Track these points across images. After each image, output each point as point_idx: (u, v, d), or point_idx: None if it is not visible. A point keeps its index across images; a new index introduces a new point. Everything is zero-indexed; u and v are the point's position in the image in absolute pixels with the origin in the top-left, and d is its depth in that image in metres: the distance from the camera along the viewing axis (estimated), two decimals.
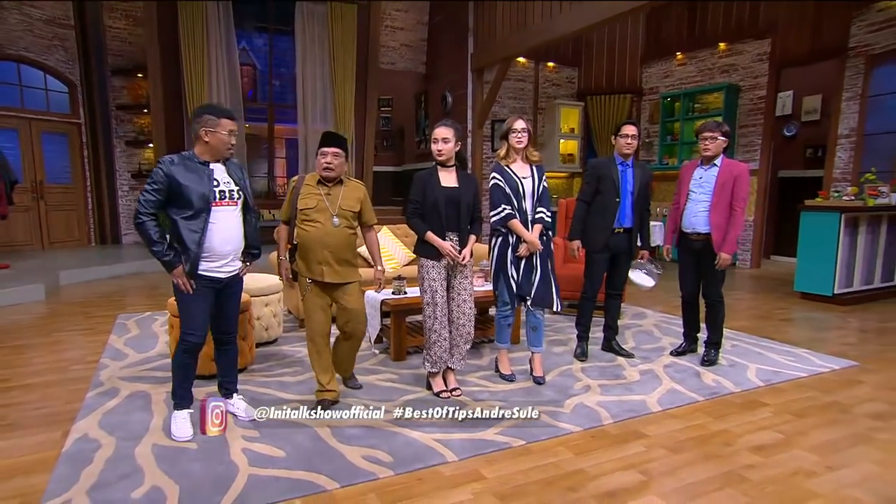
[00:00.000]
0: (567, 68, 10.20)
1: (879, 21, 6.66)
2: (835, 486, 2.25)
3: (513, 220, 3.23)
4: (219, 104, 3.39)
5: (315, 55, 9.63)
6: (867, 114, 6.88)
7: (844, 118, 7.05)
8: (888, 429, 2.79)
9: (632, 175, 3.68)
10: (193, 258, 2.51)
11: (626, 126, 3.66)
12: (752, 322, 4.89)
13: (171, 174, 2.48)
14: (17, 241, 8.37)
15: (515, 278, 3.27)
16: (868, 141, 6.90)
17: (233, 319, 2.86)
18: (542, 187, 3.32)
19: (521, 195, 3.25)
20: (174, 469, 2.31)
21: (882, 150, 6.74)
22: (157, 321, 4.79)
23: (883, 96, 6.75)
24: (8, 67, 8.23)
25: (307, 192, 2.89)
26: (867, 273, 5.89)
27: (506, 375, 3.45)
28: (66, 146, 8.91)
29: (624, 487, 2.23)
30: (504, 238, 3.30)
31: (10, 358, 3.86)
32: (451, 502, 2.11)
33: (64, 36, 8.68)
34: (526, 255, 3.26)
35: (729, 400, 3.15)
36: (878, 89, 6.80)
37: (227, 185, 2.63)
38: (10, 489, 2.20)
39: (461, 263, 3.06)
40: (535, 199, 3.29)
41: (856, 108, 6.93)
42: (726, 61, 8.51)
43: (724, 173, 3.51)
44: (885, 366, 3.76)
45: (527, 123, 3.30)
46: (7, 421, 2.83)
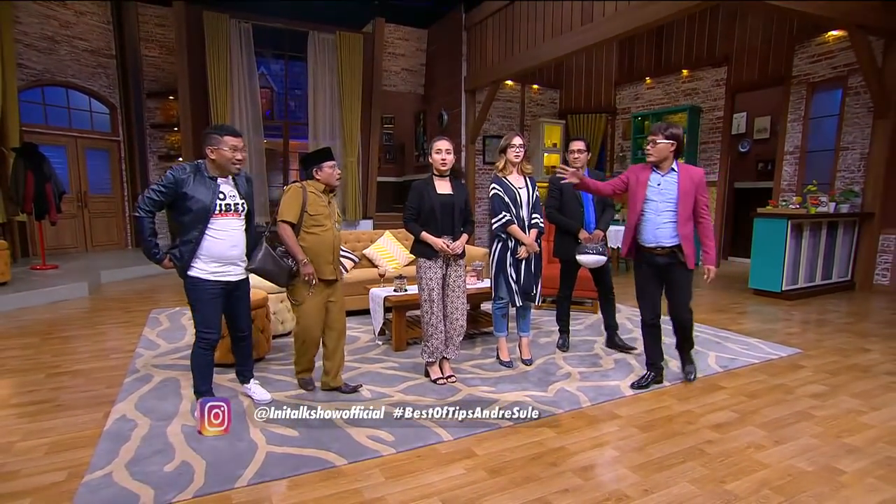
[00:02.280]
0: (550, 90, 10.22)
1: (818, 53, 6.72)
2: (781, 458, 2.27)
3: (512, 225, 3.24)
4: (225, 124, 3.32)
5: (325, 78, 9.61)
6: (809, 133, 6.92)
7: (790, 137, 7.09)
8: (825, 407, 2.82)
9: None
10: (186, 260, 2.50)
11: (573, 142, 3.59)
12: (712, 315, 4.91)
13: (179, 181, 2.43)
14: (64, 244, 8.33)
15: (515, 278, 3.28)
16: (810, 157, 6.94)
17: (245, 318, 2.81)
18: (535, 196, 3.33)
19: (519, 203, 3.26)
20: (201, 446, 2.31)
21: (821, 165, 6.79)
22: (185, 315, 4.77)
23: (822, 118, 6.80)
24: (58, 92, 8.21)
25: (313, 200, 2.82)
26: (810, 271, 5.92)
27: (505, 361, 3.46)
28: (106, 161, 8.86)
29: (600, 462, 2.24)
30: (504, 243, 3.30)
31: (61, 347, 3.85)
32: (446, 476, 2.11)
33: (106, 64, 8.64)
34: (525, 257, 3.27)
35: (692, 384, 3.17)
36: (817, 112, 6.84)
37: (232, 198, 2.58)
38: (60, 462, 2.20)
39: (453, 254, 3.02)
40: (530, 207, 3.30)
41: (799, 129, 6.98)
42: (689, 86, 8.55)
43: (685, 181, 2.86)
44: (822, 353, 3.79)
45: (523, 139, 3.30)
46: (58, 402, 2.83)
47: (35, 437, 2.42)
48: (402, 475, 2.11)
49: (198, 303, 2.56)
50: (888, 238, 6.12)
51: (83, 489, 1.98)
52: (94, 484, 2.01)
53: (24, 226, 7.39)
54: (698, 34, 8.25)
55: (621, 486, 2.04)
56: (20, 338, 4.07)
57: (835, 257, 6.16)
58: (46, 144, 7.55)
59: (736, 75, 7.77)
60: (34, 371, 3.32)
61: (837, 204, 6.03)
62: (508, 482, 2.07)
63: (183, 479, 2.05)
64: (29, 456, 2.25)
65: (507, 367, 3.41)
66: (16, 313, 4.86)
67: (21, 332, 4.23)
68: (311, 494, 1.97)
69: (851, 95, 6.39)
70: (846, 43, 6.25)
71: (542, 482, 2.07)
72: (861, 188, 6.27)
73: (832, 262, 6.15)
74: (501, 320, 3.48)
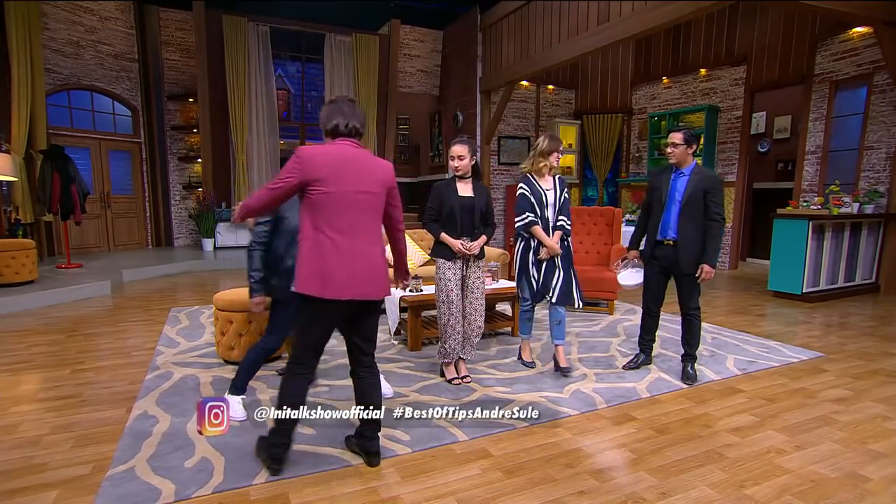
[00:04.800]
0: (565, 90, 10.15)
1: (842, 51, 6.56)
2: (802, 463, 2.22)
3: (535, 226, 3.21)
4: None
5: (341, 80, 9.69)
6: (831, 133, 6.77)
7: (811, 136, 6.94)
8: (848, 412, 2.76)
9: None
10: None
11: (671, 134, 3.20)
12: (731, 317, 4.83)
13: None
14: (88, 243, 8.53)
15: (536, 278, 3.26)
16: (832, 157, 6.79)
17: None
18: (564, 198, 3.28)
19: (545, 204, 3.24)
20: (220, 443, 2.34)
21: (844, 165, 6.63)
22: (203, 314, 4.85)
23: (845, 117, 6.64)
24: (83, 96, 8.41)
25: None
26: (832, 274, 5.79)
27: (527, 362, 3.46)
28: (129, 162, 9.04)
29: (616, 464, 2.22)
30: (526, 242, 3.29)
31: (85, 343, 3.94)
32: (462, 476, 2.11)
33: (129, 68, 8.83)
34: (546, 258, 3.23)
35: (709, 387, 3.12)
36: (840, 111, 6.69)
37: None
38: (85, 456, 2.25)
39: (470, 253, 3.03)
40: (556, 208, 3.26)
41: (821, 128, 6.82)
42: (706, 85, 8.42)
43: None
44: (845, 356, 3.70)
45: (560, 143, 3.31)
46: (82, 398, 2.89)
47: (62, 431, 2.48)
48: (418, 475, 2.11)
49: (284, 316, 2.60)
50: None
51: (107, 483, 2.02)
52: (117, 478, 2.05)
53: (51, 226, 7.59)
54: (716, 33, 8.11)
55: (638, 489, 2.02)
56: (47, 334, 4.18)
57: (858, 259, 6.01)
58: (72, 146, 7.75)
59: (755, 74, 7.63)
60: (60, 367, 3.41)
61: (861, 204, 5.88)
62: (524, 483, 2.06)
63: (203, 474, 2.08)
64: (56, 449, 2.30)
65: (529, 366, 3.40)
66: (43, 310, 4.99)
67: (47, 329, 4.34)
68: (328, 492, 1.99)
69: (877, 93, 6.23)
70: (872, 40, 6.10)
71: (558, 483, 2.06)
72: (886, 188, 6.11)
73: (855, 264, 6.00)
74: (525, 323, 3.44)
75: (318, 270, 1.93)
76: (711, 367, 3.43)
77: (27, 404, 2.81)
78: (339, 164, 1.97)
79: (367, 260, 2.01)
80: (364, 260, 2.00)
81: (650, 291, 3.29)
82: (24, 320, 4.64)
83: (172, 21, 9.15)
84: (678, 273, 3.11)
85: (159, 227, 9.39)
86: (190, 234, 9.75)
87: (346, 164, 1.98)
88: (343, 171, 1.96)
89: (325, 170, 1.94)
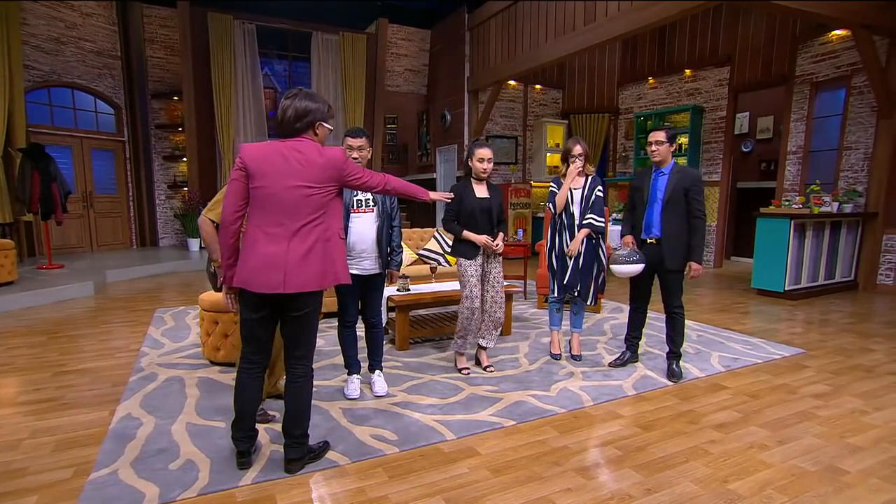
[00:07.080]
0: (552, 90, 10.21)
1: (822, 53, 6.69)
2: (783, 458, 2.26)
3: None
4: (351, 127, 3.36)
5: (329, 79, 9.64)
6: (812, 133, 6.89)
7: (793, 137, 7.07)
8: (828, 407, 2.81)
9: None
10: None
11: (652, 133, 3.20)
12: (715, 315, 4.90)
13: None
14: (70, 244, 8.38)
15: (555, 272, 3.44)
16: (813, 157, 6.92)
17: (375, 308, 2.98)
18: (595, 196, 3.36)
19: (570, 201, 3.38)
20: (206, 444, 2.32)
21: (824, 165, 6.76)
22: (189, 314, 4.79)
23: (824, 118, 6.77)
24: (64, 93, 8.25)
25: None
26: (813, 271, 5.90)
27: (554, 354, 3.60)
28: (112, 161, 8.90)
29: (602, 461, 2.24)
30: (550, 239, 3.46)
31: (67, 346, 3.87)
32: (449, 475, 2.11)
33: (111, 65, 8.68)
34: (572, 254, 3.35)
35: (695, 384, 3.16)
36: (820, 112, 6.82)
37: (364, 194, 2.83)
38: (67, 459, 2.21)
39: (496, 251, 3.17)
40: (583, 205, 3.36)
41: (802, 128, 6.95)
42: (691, 86, 8.53)
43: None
44: (826, 353, 3.77)
45: (583, 147, 3.37)
46: (64, 401, 2.84)
47: (42, 434, 2.43)
48: (406, 474, 2.11)
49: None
50: (892, 238, 6.09)
51: (89, 487, 1.99)
52: (99, 482, 2.02)
53: (31, 225, 7.44)
54: (701, 34, 8.23)
55: (624, 486, 2.04)
56: (27, 336, 4.09)
57: (838, 257, 6.13)
58: (52, 145, 7.60)
59: (739, 75, 7.75)
60: (41, 369, 3.34)
61: (841, 204, 6.01)
62: (511, 481, 2.07)
63: (188, 477, 2.06)
64: (36, 453, 2.26)
65: (556, 359, 3.56)
66: (22, 312, 4.89)
67: (28, 331, 4.25)
68: (315, 493, 1.97)
69: (855, 95, 6.36)
70: (850, 42, 6.23)
71: (545, 481, 2.07)
72: (864, 188, 6.25)
73: (835, 262, 6.13)
74: (554, 314, 3.62)
75: (243, 263, 2.01)
76: (696, 364, 3.48)
77: (6, 408, 2.75)
78: (266, 159, 1.99)
79: (288, 254, 1.97)
80: (284, 254, 1.96)
81: (637, 289, 3.33)
82: (4, 322, 4.54)
83: (156, 18, 9.02)
84: (662, 271, 3.14)
85: (144, 226, 9.24)
86: (175, 234, 9.63)
87: (273, 158, 1.99)
88: (272, 167, 1.99)
89: (253, 164, 1.99)
